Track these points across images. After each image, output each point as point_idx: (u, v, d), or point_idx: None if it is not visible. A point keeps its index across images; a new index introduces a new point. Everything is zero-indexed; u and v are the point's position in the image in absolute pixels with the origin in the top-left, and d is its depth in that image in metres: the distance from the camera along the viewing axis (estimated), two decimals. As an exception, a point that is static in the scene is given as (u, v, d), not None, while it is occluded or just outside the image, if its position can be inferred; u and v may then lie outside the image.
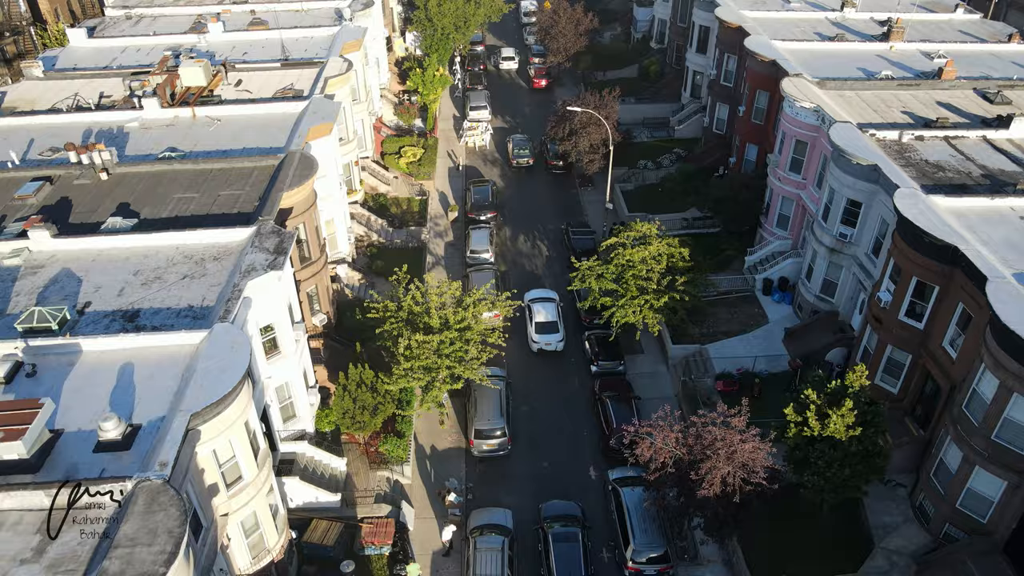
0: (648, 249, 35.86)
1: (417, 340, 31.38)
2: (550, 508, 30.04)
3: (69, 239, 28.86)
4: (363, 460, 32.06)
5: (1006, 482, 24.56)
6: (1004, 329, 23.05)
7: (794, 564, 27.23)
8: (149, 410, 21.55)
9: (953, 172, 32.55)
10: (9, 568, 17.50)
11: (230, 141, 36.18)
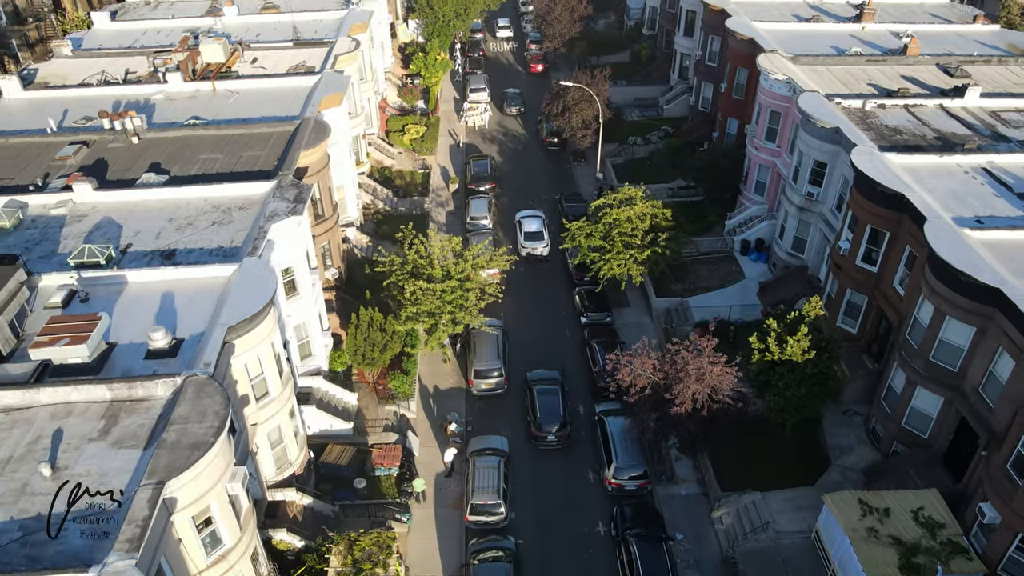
0: (633, 209, 39.12)
1: (421, 287, 34.66)
2: (535, 374, 36.28)
3: (109, 192, 32.10)
4: (372, 397, 35.32)
5: (942, 398, 27.79)
6: (938, 261, 26.26)
7: (758, 478, 30.46)
8: (190, 327, 24.78)
9: (909, 135, 35.74)
10: (80, 444, 20.73)
11: (249, 111, 39.32)
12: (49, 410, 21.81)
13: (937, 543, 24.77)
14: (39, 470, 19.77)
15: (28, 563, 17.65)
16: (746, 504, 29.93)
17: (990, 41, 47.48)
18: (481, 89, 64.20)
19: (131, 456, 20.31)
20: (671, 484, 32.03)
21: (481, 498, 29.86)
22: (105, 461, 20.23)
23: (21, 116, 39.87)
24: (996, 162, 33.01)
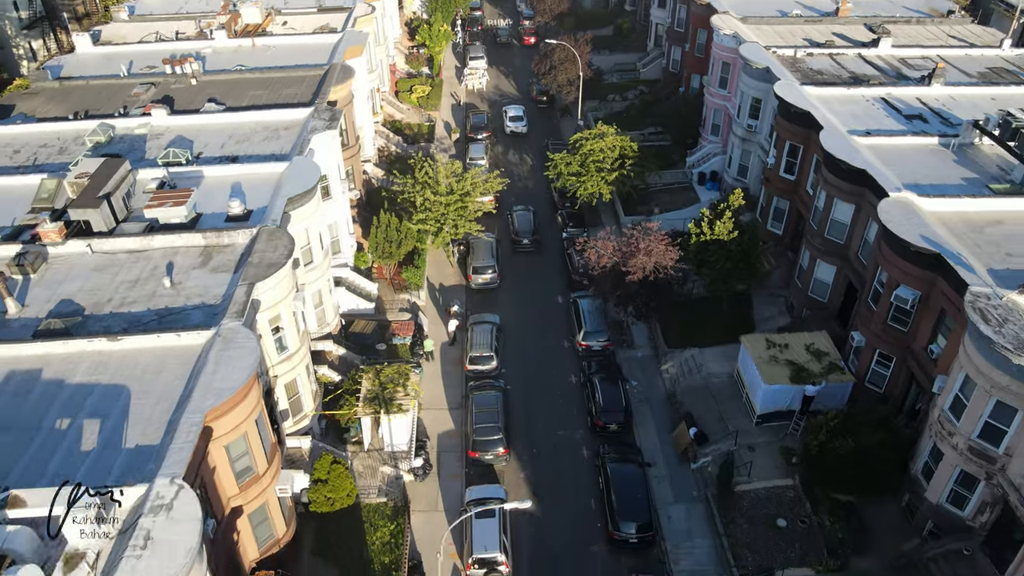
0: (604, 141, 47.10)
1: (430, 198, 42.68)
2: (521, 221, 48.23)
3: (179, 116, 40.07)
4: (389, 288, 43.33)
5: (835, 267, 35.82)
6: (829, 156, 34.25)
7: (697, 340, 38.47)
8: (255, 203, 32.69)
9: (828, 75, 43.66)
10: (188, 271, 28.69)
11: (284, 61, 47.23)
12: (161, 252, 29.79)
13: (821, 364, 32.80)
14: (162, 282, 27.77)
15: (164, 326, 25.64)
16: (687, 357, 37.98)
17: (915, 6, 55.31)
18: (480, 57, 72.18)
19: (225, 277, 28.26)
20: (630, 349, 40.08)
21: (477, 351, 37.98)
22: (206, 280, 28.20)
23: (95, 66, 47.82)
24: (893, 94, 40.96)
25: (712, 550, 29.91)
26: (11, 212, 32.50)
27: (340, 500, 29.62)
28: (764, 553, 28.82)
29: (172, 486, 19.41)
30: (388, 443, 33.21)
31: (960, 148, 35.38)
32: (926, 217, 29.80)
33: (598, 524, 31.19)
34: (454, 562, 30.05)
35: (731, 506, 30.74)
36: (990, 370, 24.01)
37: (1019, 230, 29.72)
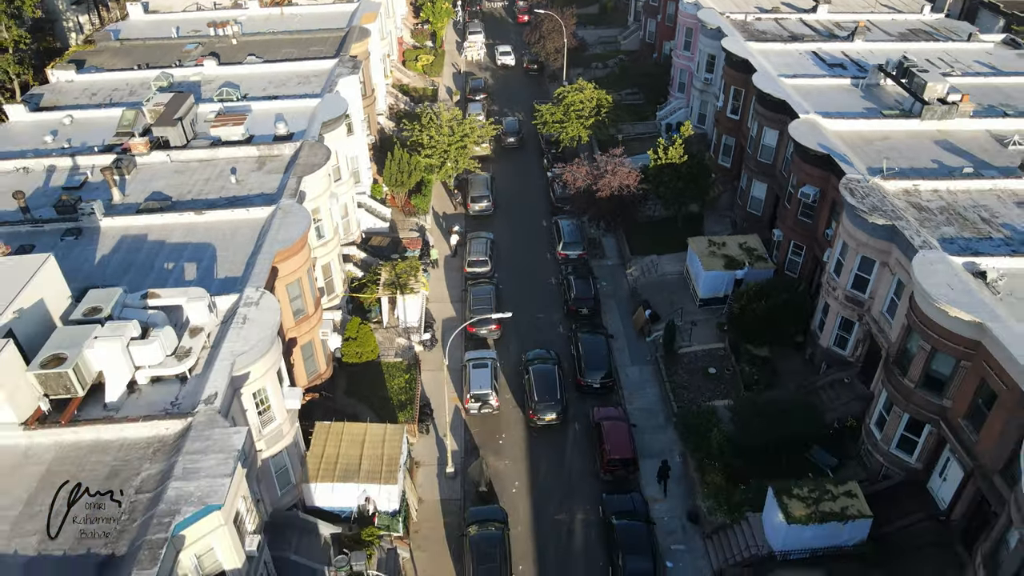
0: (583, 94, 55.20)
1: (434, 136, 50.80)
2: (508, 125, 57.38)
3: (226, 67, 48.14)
4: (400, 215, 51.44)
5: (766, 184, 43.90)
6: (760, 92, 42.30)
7: (657, 249, 46.54)
8: (295, 128, 40.71)
9: (771, 34, 51.66)
10: (247, 173, 36.74)
11: (309, 27, 55.32)
12: (225, 160, 37.82)
13: (750, 256, 40.92)
14: (229, 180, 35.85)
15: (231, 204, 33.70)
16: (647, 262, 46.10)
17: (857, -19, 63.27)
18: (478, 32, 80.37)
19: (277, 177, 36.30)
20: (601, 259, 48.21)
21: (474, 256, 46.17)
22: (263, 179, 36.24)
23: (147, 30, 55.92)
24: (823, 48, 49.01)
25: (658, 395, 38.07)
26: (99, 136, 40.55)
27: (366, 354, 37.76)
28: (697, 392, 36.93)
29: (258, 291, 27.53)
30: (402, 320, 41.39)
31: (867, 87, 43.46)
32: (827, 133, 37.83)
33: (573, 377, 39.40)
34: (455, 404, 38.20)
35: (674, 363, 38.88)
36: (856, 232, 32.13)
37: (900, 143, 37.76)
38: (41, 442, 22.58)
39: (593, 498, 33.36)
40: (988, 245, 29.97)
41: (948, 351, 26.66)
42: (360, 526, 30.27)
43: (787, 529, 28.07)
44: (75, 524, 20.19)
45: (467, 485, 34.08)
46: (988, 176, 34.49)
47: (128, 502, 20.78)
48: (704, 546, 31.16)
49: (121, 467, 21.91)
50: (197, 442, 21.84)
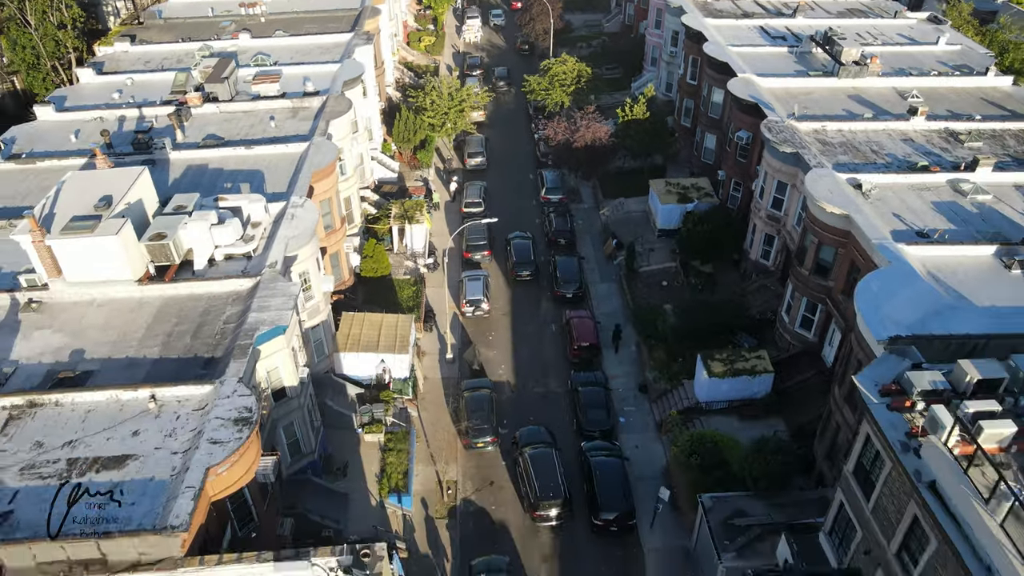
0: (566, 65, 63.45)
1: (436, 100, 59.05)
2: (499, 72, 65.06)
3: (257, 39, 56.32)
4: (407, 168, 59.69)
5: (715, 136, 52.14)
6: (709, 57, 50.50)
7: (626, 193, 54.79)
8: (319, 87, 48.88)
9: (727, 13, 59.72)
10: (283, 120, 44.90)
11: (326, 6, 63.49)
12: (263, 111, 45.97)
13: (699, 194, 49.16)
14: (270, 125, 44.02)
15: (273, 142, 41.86)
16: (616, 203, 54.38)
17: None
18: (475, 17, 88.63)
19: (308, 123, 44.43)
20: (579, 203, 56.49)
21: (470, 198, 54.48)
22: (297, 124, 44.39)
23: (184, 10, 64.10)
24: (769, 24, 57.13)
25: (620, 303, 46.38)
26: (155, 94, 48.71)
27: (380, 269, 46.02)
28: (651, 299, 45.19)
29: (301, 199, 35.78)
30: (410, 247, 49.68)
31: (800, 54, 51.64)
32: (760, 89, 45.98)
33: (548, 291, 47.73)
34: (453, 311, 46.48)
35: (634, 279, 47.17)
36: (773, 161, 40.38)
37: (820, 96, 45.89)
38: (151, 294, 30.86)
39: (564, 375, 41.68)
40: (871, 168, 38.16)
41: (829, 242, 34.91)
42: (378, 390, 38.55)
43: (709, 383, 36.38)
44: (185, 340, 28.51)
45: (463, 367, 42.40)
46: (883, 120, 42.72)
47: (219, 328, 29.09)
48: (650, 408, 39.47)
49: (211, 309, 30.21)
50: (265, 291, 30.12)
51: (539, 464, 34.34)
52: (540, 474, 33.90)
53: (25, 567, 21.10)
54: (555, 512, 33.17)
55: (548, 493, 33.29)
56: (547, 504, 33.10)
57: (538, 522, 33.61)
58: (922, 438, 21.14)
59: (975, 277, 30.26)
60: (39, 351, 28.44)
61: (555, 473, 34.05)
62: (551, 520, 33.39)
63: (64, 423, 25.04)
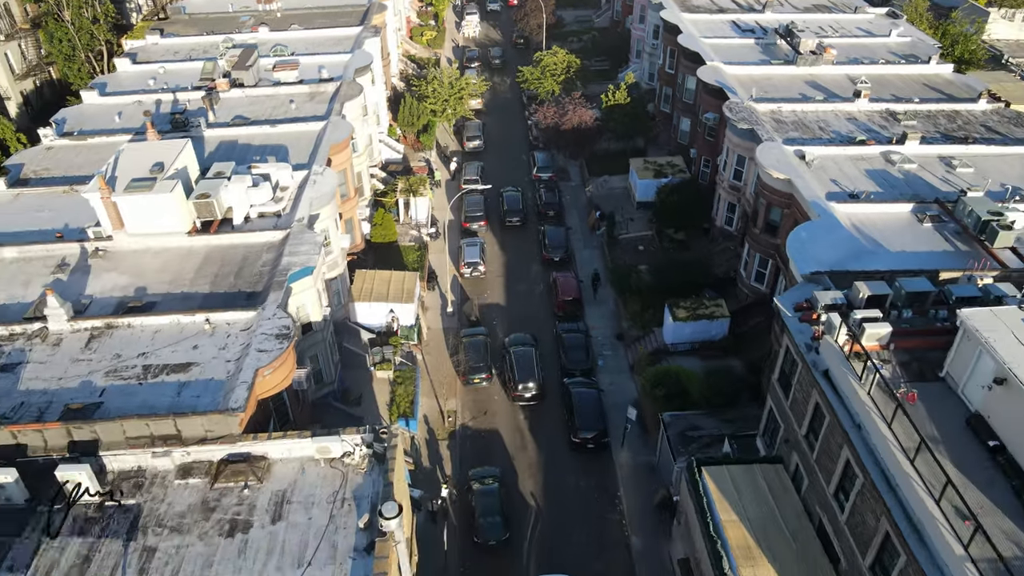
0: (556, 56, 69.17)
1: (437, 88, 64.78)
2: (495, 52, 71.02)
3: (275, 32, 62.00)
4: (411, 150, 65.41)
5: (689, 119, 57.84)
6: (683, 48, 56.13)
7: (609, 172, 60.52)
8: (334, 74, 54.50)
9: (703, 8, 65.31)
10: (302, 104, 50.57)
11: (337, 3, 69.15)
12: (284, 95, 51.67)
13: (673, 170, 54.89)
14: (290, 107, 49.70)
15: (294, 121, 47.51)
16: (600, 180, 60.11)
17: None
18: (473, 13, 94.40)
19: (324, 105, 50.05)
20: (567, 181, 62.23)
21: (469, 175, 60.25)
22: (314, 106, 49.99)
23: (207, 6, 69.79)
24: (741, 18, 62.79)
25: (601, 265, 52.09)
26: (186, 81, 54.35)
27: (388, 236, 51.75)
28: (626, 260, 50.93)
29: (321, 167, 41.47)
30: (414, 218, 55.41)
31: (765, 45, 57.31)
32: (726, 75, 51.65)
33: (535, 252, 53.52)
34: (453, 273, 52.24)
35: (615, 246, 52.90)
36: (733, 137, 46.07)
37: (779, 82, 51.51)
38: (198, 244, 36.58)
39: (550, 326, 47.44)
40: (817, 142, 43.81)
41: (776, 204, 40.62)
42: (388, 336, 44.27)
43: (674, 327, 42.13)
44: (230, 279, 34.26)
45: (462, 319, 48.19)
46: (832, 102, 48.42)
47: (257, 269, 34.82)
48: (624, 352, 45.22)
49: (249, 256, 35.94)
50: (295, 240, 35.84)
51: (521, 359, 42.90)
52: (521, 367, 42.42)
53: (116, 441, 26.83)
54: (529, 394, 41.98)
55: (526, 378, 42.00)
56: (524, 387, 41.87)
57: (517, 401, 42.20)
58: (820, 339, 26.89)
59: (892, 229, 35.97)
60: (109, 288, 34.18)
61: (532, 366, 42.64)
62: (526, 399, 42.07)
63: (136, 340, 30.79)
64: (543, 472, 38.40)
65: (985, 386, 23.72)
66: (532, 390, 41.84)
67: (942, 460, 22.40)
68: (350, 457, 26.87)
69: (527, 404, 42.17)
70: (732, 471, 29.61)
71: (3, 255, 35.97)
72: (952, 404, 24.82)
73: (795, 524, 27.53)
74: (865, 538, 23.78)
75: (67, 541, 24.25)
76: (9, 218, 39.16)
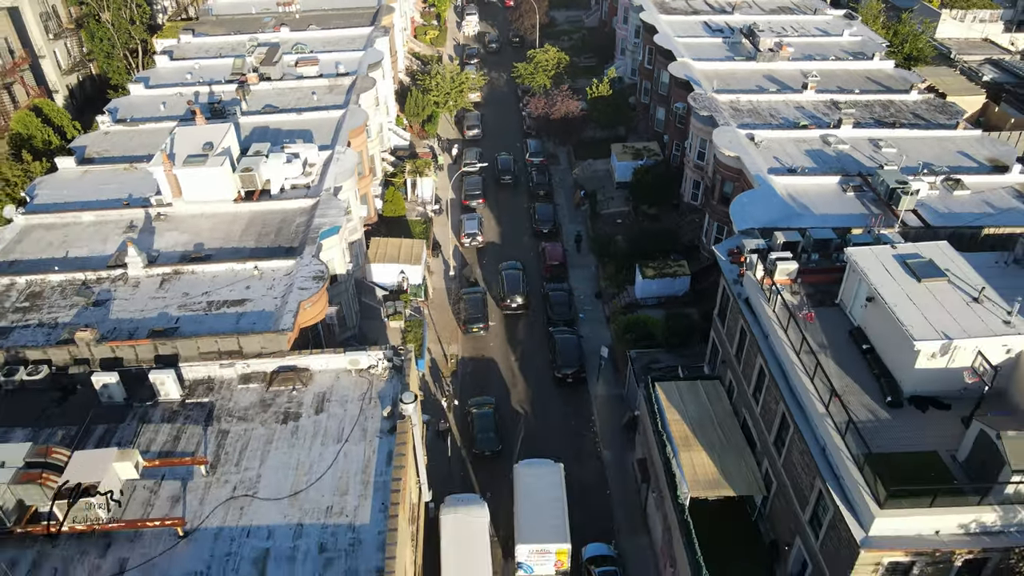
0: (548, 54, 76.55)
1: (439, 82, 72.18)
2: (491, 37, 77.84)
3: (295, 32, 69.31)
4: (416, 138, 72.77)
5: (664, 109, 65.20)
6: (659, 46, 63.46)
7: (594, 156, 67.89)
8: (349, 68, 61.78)
9: (680, 10, 72.63)
10: (323, 94, 57.89)
11: (349, 5, 76.41)
12: (306, 88, 58.94)
13: (649, 154, 62.28)
14: (312, 97, 57.02)
15: (317, 110, 54.82)
16: (585, 163, 67.49)
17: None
18: (472, 14, 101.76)
19: (342, 96, 57.27)
20: (556, 165, 69.61)
21: (469, 159, 67.56)
22: (333, 97, 57.24)
23: (231, 8, 77.11)
24: (713, 19, 70.06)
25: (585, 237, 59.46)
26: (218, 75, 61.63)
27: (398, 211, 59.12)
28: (606, 231, 58.27)
29: (343, 147, 48.83)
30: (420, 196, 62.77)
31: (732, 44, 64.62)
32: (694, 70, 58.93)
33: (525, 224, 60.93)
34: (454, 244, 59.64)
35: (596, 219, 60.26)
36: (697, 124, 53.41)
37: (741, 76, 58.80)
38: (243, 209, 43.92)
39: (539, 286, 54.86)
40: (766, 126, 51.12)
41: (729, 178, 47.97)
42: (399, 293, 51.64)
43: (643, 283, 49.50)
44: (271, 237, 41.62)
45: (462, 280, 55.62)
46: (784, 93, 55.75)
47: (293, 229, 42.17)
48: (602, 308, 52.62)
49: (286, 219, 43.28)
50: (324, 205, 43.18)
51: (510, 278, 54.00)
52: (510, 284, 53.63)
53: (192, 356, 34.19)
54: (516, 304, 52.80)
55: (513, 292, 52.94)
56: (511, 299, 52.68)
57: (505, 311, 52.76)
58: (744, 276, 34.27)
59: (821, 197, 43.28)
60: (171, 244, 41.55)
61: (519, 281, 53.65)
62: (512, 308, 52.79)
63: (199, 283, 38.16)
64: (530, 401, 45.81)
65: (862, 305, 31.11)
66: (518, 301, 52.59)
67: (828, 361, 29.77)
68: (375, 369, 34.26)
69: (513, 312, 52.94)
70: (679, 386, 37.02)
71: (83, 218, 43.40)
72: (841, 322, 32.21)
73: (725, 421, 34.95)
74: (769, 421, 31.22)
75: (160, 426, 31.68)
76: (81, 190, 46.53)
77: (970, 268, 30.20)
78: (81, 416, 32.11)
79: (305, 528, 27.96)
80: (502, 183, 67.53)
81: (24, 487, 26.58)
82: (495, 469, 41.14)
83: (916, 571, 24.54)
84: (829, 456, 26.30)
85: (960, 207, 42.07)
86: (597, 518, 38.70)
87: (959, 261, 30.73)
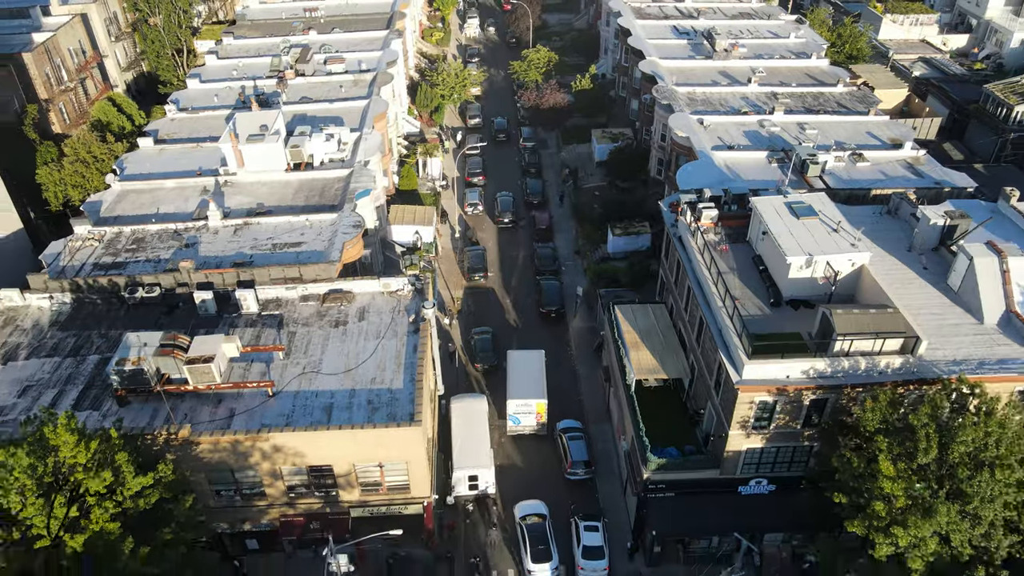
0: (539, 54, 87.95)
1: (445, 79, 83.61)
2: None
3: (322, 35, 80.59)
4: (425, 126, 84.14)
5: (637, 100, 76.52)
6: (631, 47, 74.82)
7: (579, 140, 79.24)
8: (370, 66, 73.04)
9: (653, 15, 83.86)
10: (349, 90, 69.21)
11: (367, 11, 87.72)
12: (335, 82, 70.20)
13: (624, 138, 73.69)
14: (340, 90, 68.39)
15: (345, 100, 66.16)
16: (571, 147, 78.86)
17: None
18: (474, 17, 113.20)
19: (365, 88, 68.62)
20: (546, 148, 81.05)
21: (471, 144, 79.05)
22: (358, 90, 68.58)
23: (263, 13, 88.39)
24: (681, 23, 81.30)
25: (569, 205, 70.87)
26: (259, 72, 72.82)
27: (411, 185, 70.53)
28: (585, 201, 69.67)
29: (371, 129, 60.20)
30: (430, 173, 74.21)
31: (694, 45, 75.92)
32: (660, 67, 70.23)
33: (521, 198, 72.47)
34: (459, 213, 71.09)
35: (578, 192, 71.68)
36: (659, 112, 64.76)
37: (700, 73, 70.02)
38: (293, 178, 55.28)
39: (530, 245, 66.36)
40: (714, 113, 62.42)
41: (681, 153, 59.34)
42: (414, 249, 63.03)
43: (613, 240, 60.90)
44: (316, 198, 53.03)
45: (466, 241, 67.09)
46: (733, 86, 67.11)
47: (333, 192, 53.56)
48: (581, 262, 64.06)
49: (327, 185, 54.65)
50: (357, 173, 54.57)
51: (503, 201, 70.29)
52: (503, 204, 69.72)
53: (264, 281, 45.57)
54: (507, 219, 69.49)
55: (504, 211, 69.01)
56: (503, 215, 69.14)
57: (498, 224, 67.79)
58: (678, 221, 45.71)
59: (751, 167, 54.62)
60: (238, 204, 52.91)
61: (510, 204, 69.37)
62: (504, 223, 69.04)
63: (264, 231, 49.57)
64: (520, 331, 57.31)
65: (759, 238, 42.55)
66: (509, 216, 69.18)
67: (734, 278, 41.12)
68: (401, 291, 45.73)
69: (505, 227, 69.31)
70: (633, 308, 48.45)
71: (166, 185, 54.83)
72: (748, 253, 43.62)
73: (665, 331, 46.37)
74: (694, 324, 42.68)
75: (244, 330, 43.11)
76: (161, 164, 57.90)
77: (836, 210, 41.67)
78: (185, 323, 43.61)
79: (356, 392, 39.51)
80: (498, 141, 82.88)
81: (162, 359, 38.03)
82: (493, 380, 52.63)
83: (779, 408, 35.95)
84: (724, 335, 37.75)
85: (860, 175, 53.43)
86: (571, 412, 50.17)
87: (830, 206, 42.17)
